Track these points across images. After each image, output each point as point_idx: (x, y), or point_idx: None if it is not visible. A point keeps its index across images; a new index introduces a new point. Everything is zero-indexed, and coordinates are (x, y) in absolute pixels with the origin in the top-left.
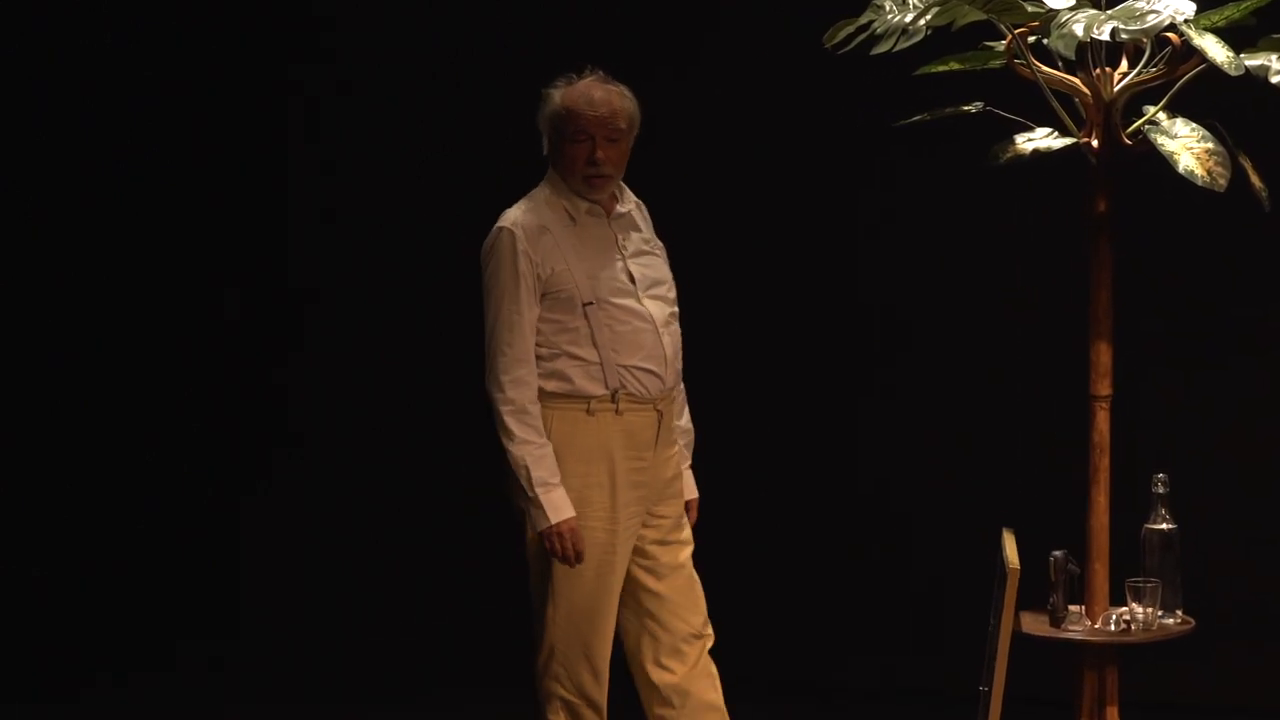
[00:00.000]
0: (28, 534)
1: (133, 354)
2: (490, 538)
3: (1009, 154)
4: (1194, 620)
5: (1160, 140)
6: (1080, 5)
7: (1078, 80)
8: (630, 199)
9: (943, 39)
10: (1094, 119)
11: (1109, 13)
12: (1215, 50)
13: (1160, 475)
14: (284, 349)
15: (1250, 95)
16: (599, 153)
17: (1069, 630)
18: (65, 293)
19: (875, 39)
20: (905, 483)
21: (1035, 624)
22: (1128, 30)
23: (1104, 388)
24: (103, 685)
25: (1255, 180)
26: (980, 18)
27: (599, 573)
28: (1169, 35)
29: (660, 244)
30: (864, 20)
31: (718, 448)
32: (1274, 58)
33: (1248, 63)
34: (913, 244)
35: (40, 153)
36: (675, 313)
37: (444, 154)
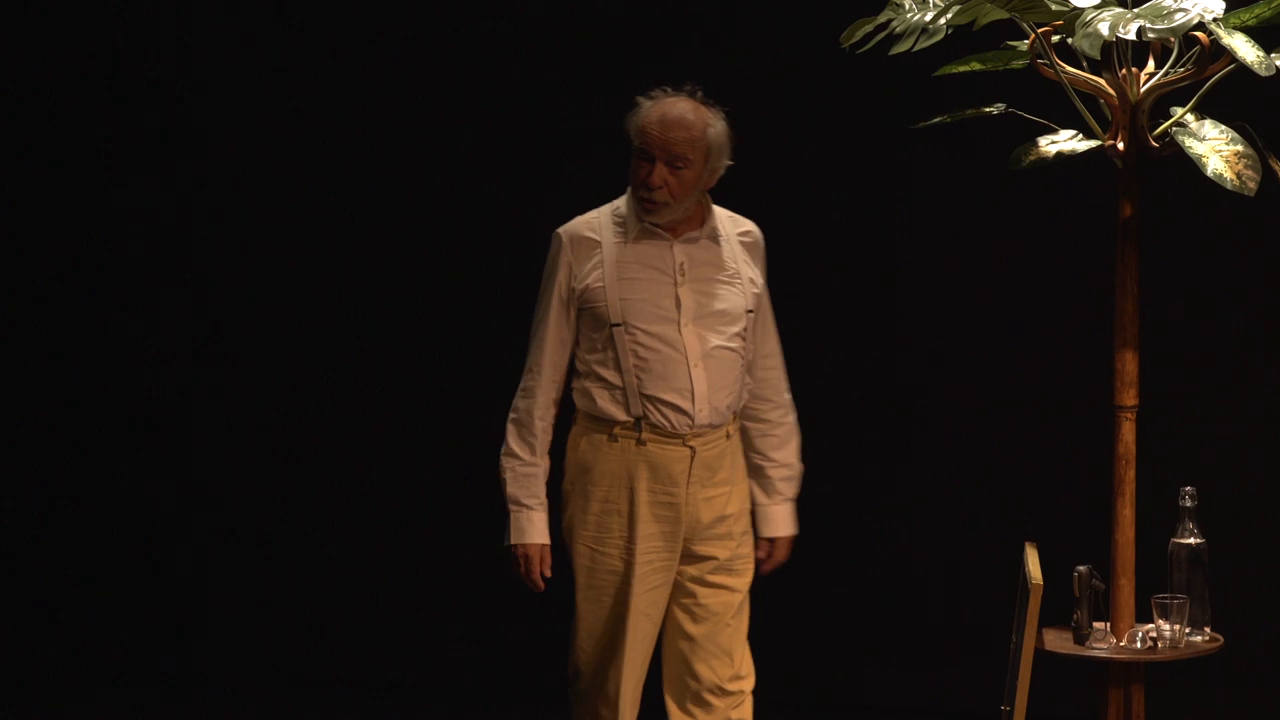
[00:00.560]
0: None
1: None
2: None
3: (1032, 157)
4: (1223, 638)
5: (1188, 143)
6: (1106, 3)
7: (1103, 81)
8: (725, 227)
9: (964, 38)
10: (1120, 121)
11: (1135, 11)
12: (1245, 50)
13: (1188, 488)
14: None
15: None
16: (655, 177)
17: (1093, 648)
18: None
19: (894, 38)
20: (926, 495)
21: (1059, 641)
22: (1155, 29)
23: (1129, 398)
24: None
25: None
26: (1003, 16)
27: (615, 600)
28: (1197, 34)
29: (749, 277)
30: (882, 19)
31: None
32: None
33: (1279, 62)
34: (932, 251)
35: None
36: (733, 348)
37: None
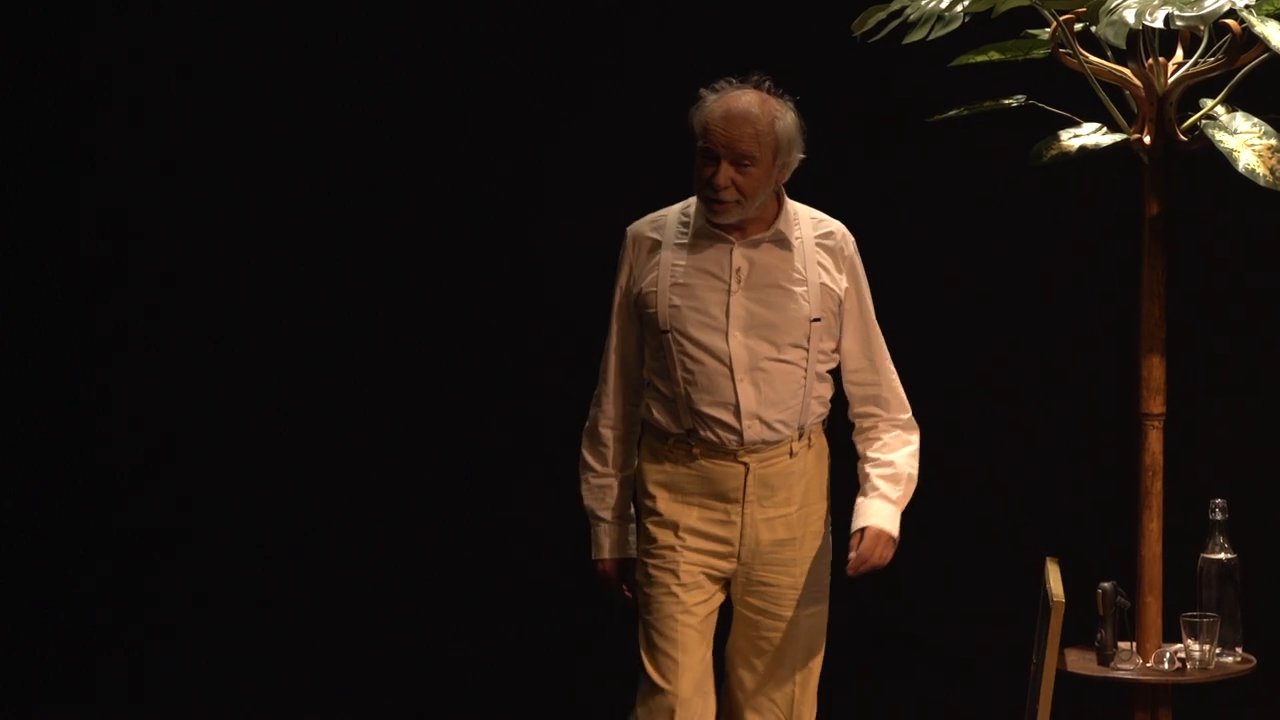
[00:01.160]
0: None
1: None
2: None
3: (1053, 152)
4: (1255, 659)
5: (1218, 136)
6: None
7: (1128, 71)
8: (802, 228)
9: (982, 26)
10: (1146, 113)
11: None
12: (1279, 38)
13: (1218, 500)
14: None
15: None
16: (720, 177)
17: (1118, 669)
18: None
19: (908, 26)
20: (940, 508)
21: (1082, 662)
22: (1183, 17)
23: (1157, 405)
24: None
25: None
26: (1023, 3)
27: (658, 617)
28: (1228, 22)
29: (823, 283)
30: (896, 6)
31: None
32: None
33: None
34: (947, 251)
35: None
36: (789, 361)
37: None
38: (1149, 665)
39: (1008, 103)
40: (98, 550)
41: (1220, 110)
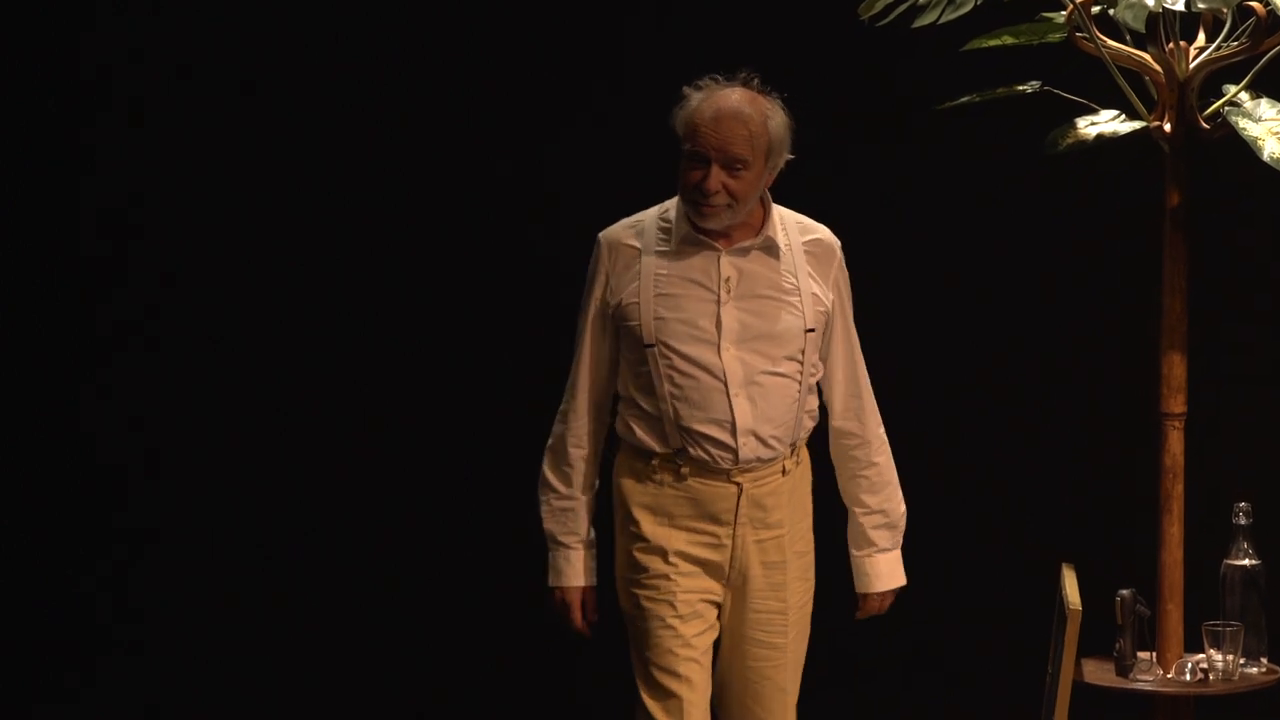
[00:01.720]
0: None
1: None
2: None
3: (1069, 140)
4: None
5: (1242, 124)
6: None
7: (1148, 56)
8: (790, 234)
9: (995, 10)
10: (1166, 100)
11: None
12: None
13: (1242, 504)
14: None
15: None
16: (711, 182)
17: (1138, 680)
18: None
19: (918, 9)
20: (951, 513)
21: (1099, 672)
22: None
23: (1178, 405)
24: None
25: None
26: None
27: (658, 652)
28: (1253, 4)
29: (813, 293)
30: None
31: None
32: None
33: None
34: (958, 244)
35: None
36: (784, 374)
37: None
38: (1170, 676)
39: (1022, 89)
40: (97, 550)
41: (1244, 97)
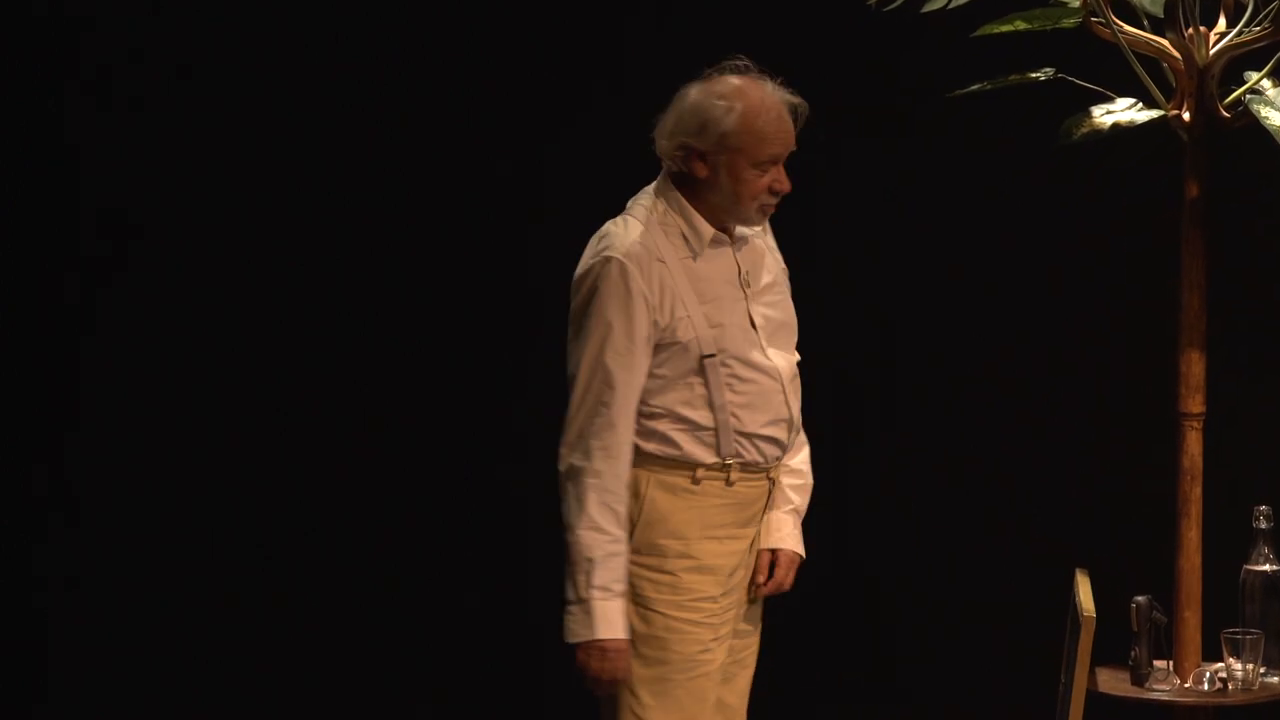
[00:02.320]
0: None
1: None
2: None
3: (1084, 129)
4: None
5: (1265, 112)
6: None
7: (1166, 42)
8: None
9: None
10: (1185, 88)
11: None
12: None
13: (1263, 508)
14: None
15: None
16: (786, 180)
17: (1154, 689)
18: None
19: None
20: (961, 517)
21: (1114, 682)
22: None
23: (1196, 405)
24: None
25: None
26: None
27: (690, 675)
28: None
29: (783, 267)
30: None
31: None
32: None
33: None
34: (967, 238)
35: None
36: (798, 360)
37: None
38: (1187, 686)
39: (1035, 76)
40: (97, 549)
41: (1266, 84)
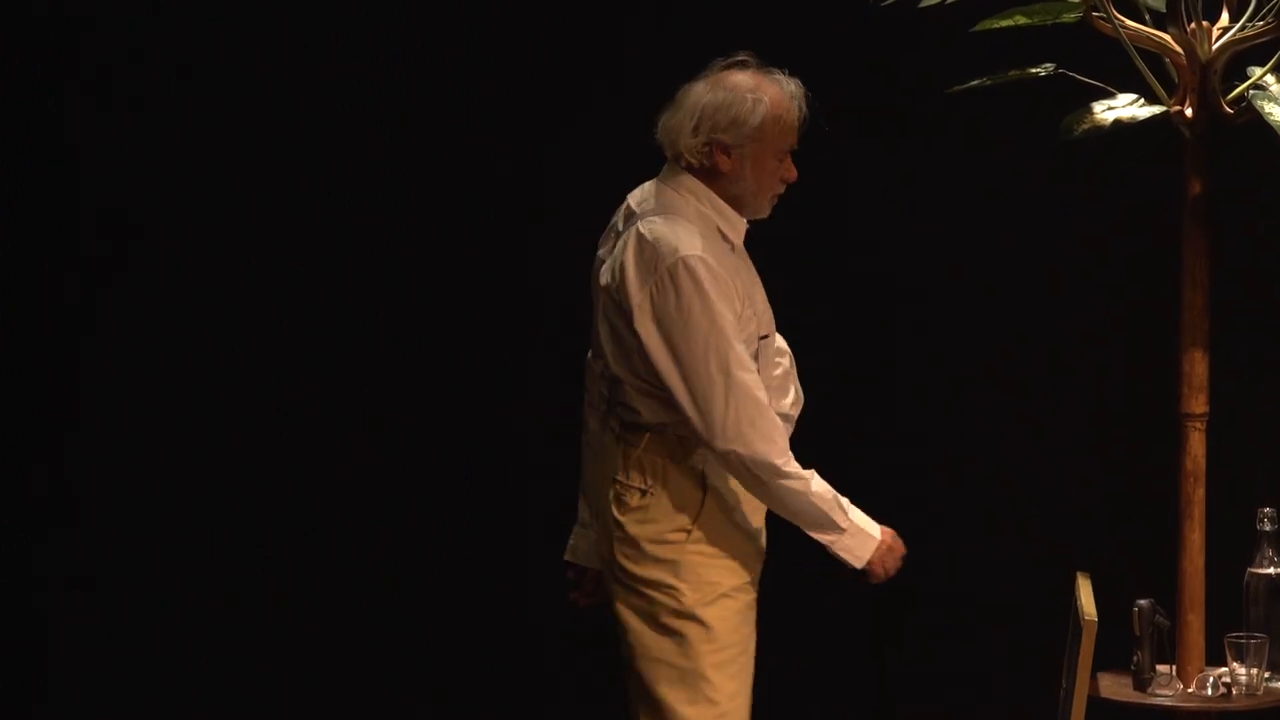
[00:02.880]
0: None
1: None
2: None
3: (1085, 126)
4: None
5: (1269, 109)
6: None
7: (1168, 37)
8: None
9: None
10: (1188, 83)
11: None
12: None
13: (1267, 509)
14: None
15: None
16: (791, 170)
17: (1157, 695)
18: None
19: None
20: (959, 519)
21: (1116, 687)
22: None
23: (1199, 405)
24: None
25: None
26: None
27: (750, 656)
28: None
29: None
30: None
31: None
32: None
33: None
34: (965, 236)
35: None
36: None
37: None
38: (1190, 691)
39: (1035, 72)
40: (97, 549)
41: (1270, 80)
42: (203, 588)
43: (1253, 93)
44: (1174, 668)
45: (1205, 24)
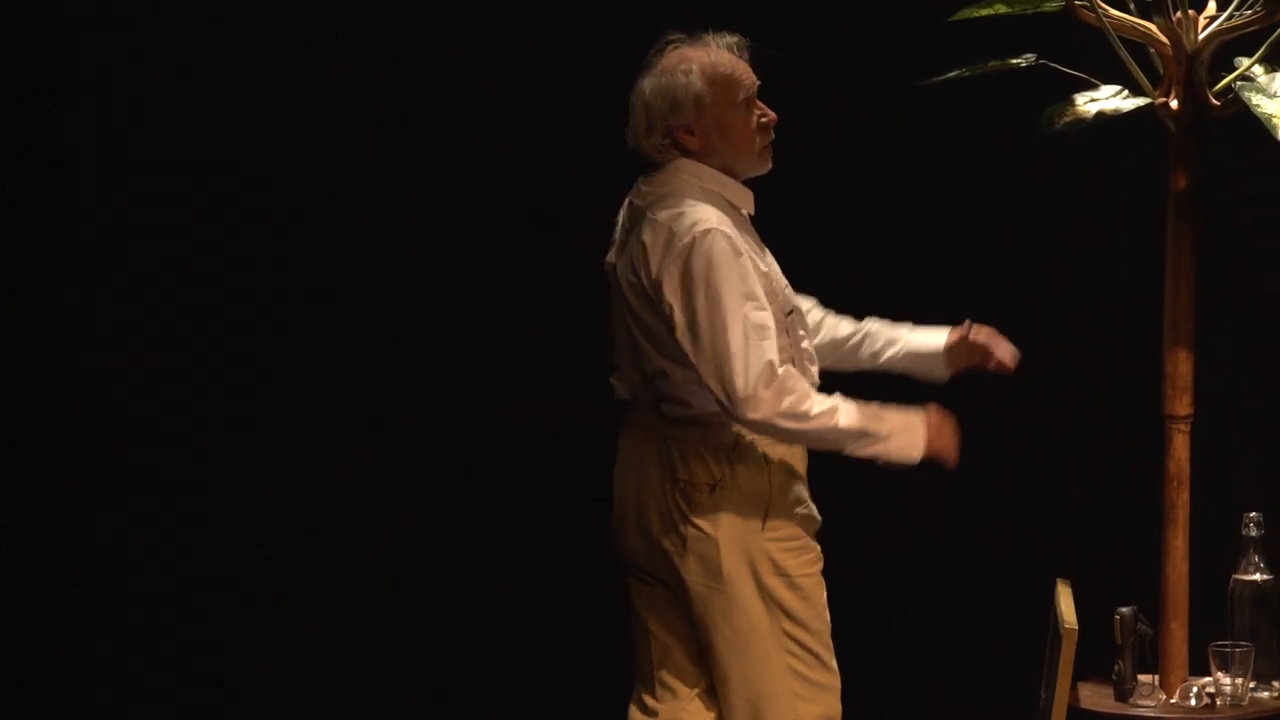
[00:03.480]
0: None
1: None
2: None
3: (1067, 118)
4: None
5: (1256, 100)
6: None
7: (1153, 26)
8: None
9: None
10: (1173, 74)
11: None
12: None
13: (1253, 515)
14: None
15: None
16: (766, 113)
17: (1139, 705)
18: None
19: None
20: (938, 525)
21: (1097, 697)
22: None
23: (1183, 406)
24: None
25: None
26: None
27: (826, 630)
28: None
29: None
30: None
31: None
32: None
33: None
34: (947, 232)
35: None
36: None
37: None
38: (1173, 701)
39: (1016, 63)
40: (95, 549)
41: (1257, 70)
42: (202, 588)
43: (1240, 84)
44: (1156, 677)
45: (1191, 13)
